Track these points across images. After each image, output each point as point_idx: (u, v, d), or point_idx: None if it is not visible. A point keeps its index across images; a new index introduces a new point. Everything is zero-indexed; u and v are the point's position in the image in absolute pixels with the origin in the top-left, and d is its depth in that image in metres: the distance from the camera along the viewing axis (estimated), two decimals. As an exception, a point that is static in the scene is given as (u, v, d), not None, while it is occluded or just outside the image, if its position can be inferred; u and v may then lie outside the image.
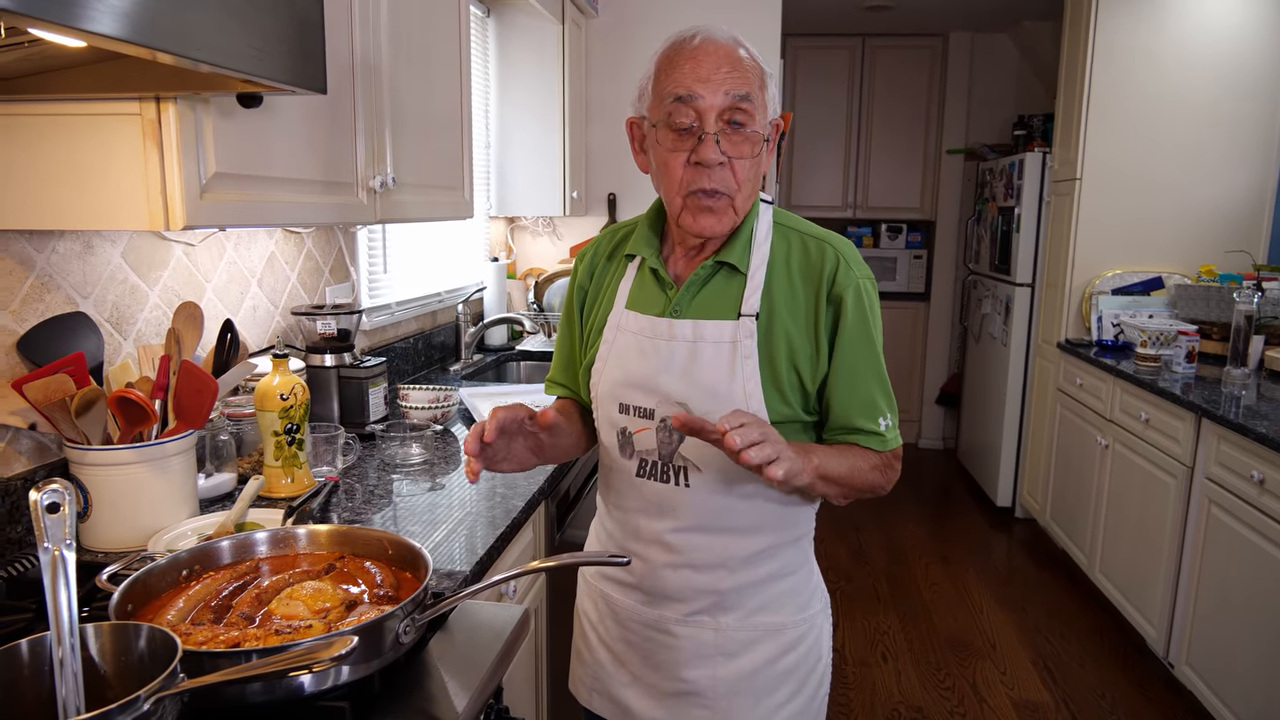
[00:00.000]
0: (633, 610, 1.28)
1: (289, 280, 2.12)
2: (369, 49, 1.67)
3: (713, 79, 1.11)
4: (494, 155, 3.41)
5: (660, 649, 1.26)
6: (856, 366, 1.17)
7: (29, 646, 0.76)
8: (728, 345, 1.16)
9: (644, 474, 1.22)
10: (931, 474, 5.31)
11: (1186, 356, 3.15)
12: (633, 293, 1.26)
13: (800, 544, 1.27)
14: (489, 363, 3.11)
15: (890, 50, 5.58)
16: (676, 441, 1.19)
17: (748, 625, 1.24)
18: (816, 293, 1.17)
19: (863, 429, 1.18)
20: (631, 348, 1.22)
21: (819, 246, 1.20)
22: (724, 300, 1.19)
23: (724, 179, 1.13)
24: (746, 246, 1.20)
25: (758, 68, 1.15)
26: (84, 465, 1.34)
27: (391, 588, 1.06)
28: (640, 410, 1.21)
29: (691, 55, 1.13)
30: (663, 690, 1.27)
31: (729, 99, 1.11)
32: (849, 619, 3.39)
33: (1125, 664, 3.08)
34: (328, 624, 0.95)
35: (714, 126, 1.11)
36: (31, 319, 1.38)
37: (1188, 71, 3.69)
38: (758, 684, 1.24)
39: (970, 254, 5.28)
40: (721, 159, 1.12)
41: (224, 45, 0.97)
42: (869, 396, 1.18)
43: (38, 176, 1.22)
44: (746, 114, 1.12)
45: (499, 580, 1.04)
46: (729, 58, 1.12)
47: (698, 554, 1.21)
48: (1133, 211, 3.83)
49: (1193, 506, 2.75)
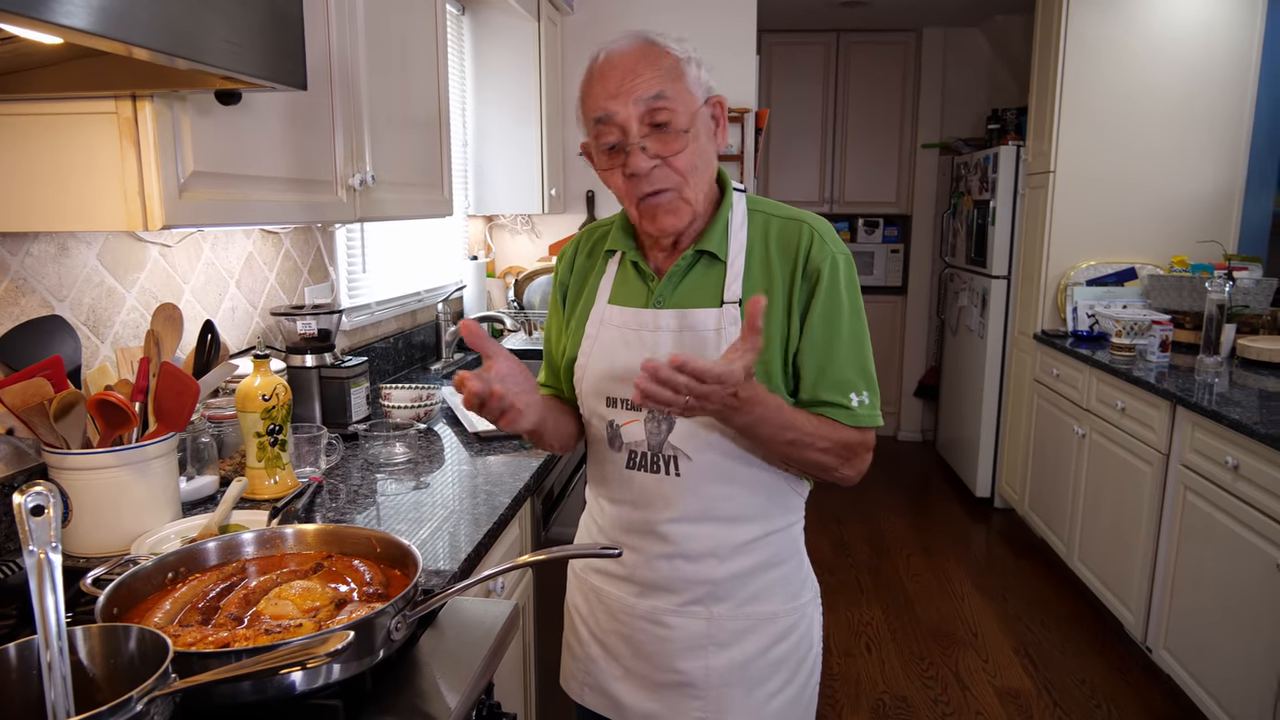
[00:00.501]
0: (625, 602, 1.29)
1: (268, 281, 2.10)
2: (345, 46, 1.66)
3: (621, 91, 1.13)
4: (471, 153, 3.40)
5: (653, 640, 1.27)
6: (829, 339, 1.17)
7: (16, 651, 0.75)
8: (712, 333, 1.17)
9: (634, 465, 1.23)
10: (911, 466, 5.35)
11: (1160, 346, 3.20)
12: (615, 287, 1.27)
13: (791, 532, 1.28)
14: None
15: (865, 46, 5.62)
16: (665, 431, 1.20)
17: (740, 615, 1.24)
18: (793, 270, 1.18)
19: (830, 402, 1.17)
20: (616, 341, 1.23)
21: (795, 226, 1.21)
22: (706, 289, 1.20)
23: (664, 176, 1.15)
24: (724, 234, 1.21)
25: (670, 59, 1.14)
26: (63, 470, 1.32)
27: (381, 585, 1.06)
28: (628, 403, 1.22)
29: (600, 75, 1.15)
30: (655, 682, 1.28)
31: (642, 105, 1.12)
32: (832, 611, 3.41)
33: (1104, 649, 3.13)
34: (318, 623, 0.95)
35: (638, 134, 1.13)
36: (6, 323, 1.36)
37: (1159, 65, 3.75)
38: (750, 674, 1.25)
39: (946, 247, 5.32)
40: (652, 163, 1.14)
41: (202, 40, 0.96)
42: (839, 370, 1.17)
43: (13, 178, 1.20)
44: (667, 110, 1.12)
45: (490, 575, 1.04)
46: (633, 65, 1.13)
47: (690, 543, 1.22)
48: (1106, 203, 3.88)
49: (1169, 493, 2.80)
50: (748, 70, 3.88)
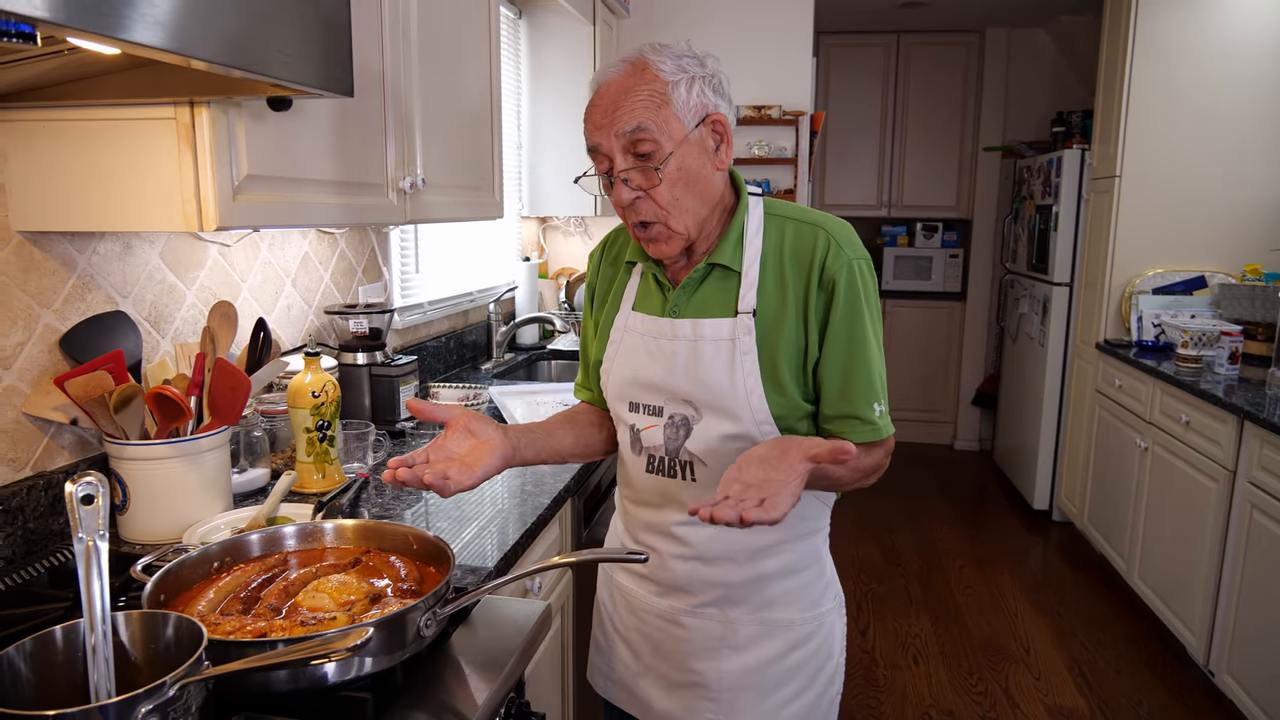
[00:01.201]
0: (645, 601, 1.31)
1: (323, 280, 2.15)
2: (399, 52, 1.69)
3: (604, 124, 1.13)
4: (526, 155, 3.44)
5: (670, 640, 1.29)
6: (851, 351, 1.16)
7: (63, 633, 0.79)
8: (726, 343, 1.17)
9: (652, 469, 1.25)
10: (967, 476, 5.24)
11: (1230, 358, 3.08)
12: (639, 295, 1.29)
13: (811, 540, 1.27)
14: (520, 361, 3.13)
15: (925, 47, 5.52)
16: (682, 438, 1.21)
17: (755, 620, 1.25)
18: (808, 278, 1.16)
19: (857, 416, 1.16)
20: (639, 348, 1.25)
21: (810, 231, 1.19)
22: (720, 298, 1.20)
23: (648, 210, 1.15)
24: (737, 244, 1.20)
25: (658, 84, 1.11)
26: (122, 459, 1.38)
27: (415, 582, 1.08)
28: (649, 409, 1.24)
29: (591, 106, 1.16)
30: (673, 681, 1.30)
31: (623, 138, 1.12)
32: (880, 621, 3.37)
33: (1163, 671, 3.02)
34: (352, 616, 0.97)
35: (624, 165, 1.13)
36: (73, 318, 1.42)
37: (1231, 65, 3.61)
38: (764, 679, 1.25)
39: (1007, 253, 5.20)
40: (635, 194, 1.14)
41: (256, 52, 0.99)
42: (864, 382, 1.16)
43: (78, 179, 1.26)
44: (648, 142, 1.11)
45: (519, 576, 1.06)
46: (614, 97, 1.12)
47: (705, 547, 1.23)
48: (1174, 209, 3.75)
49: (1234, 511, 2.69)
50: (803, 72, 3.85)
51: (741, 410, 1.16)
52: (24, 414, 1.35)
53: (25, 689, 0.76)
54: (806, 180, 3.98)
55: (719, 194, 1.21)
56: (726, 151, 1.19)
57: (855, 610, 3.45)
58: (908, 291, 5.72)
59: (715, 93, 1.15)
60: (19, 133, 1.27)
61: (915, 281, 5.73)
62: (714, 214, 1.21)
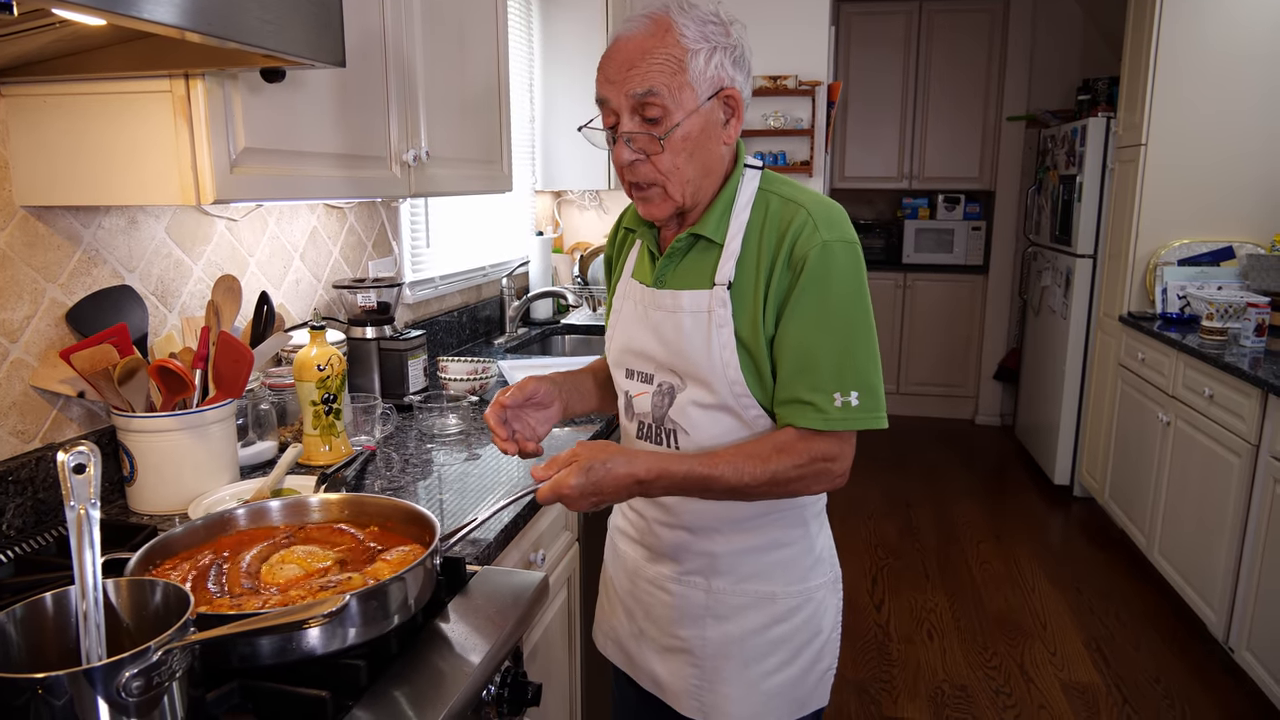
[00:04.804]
0: (639, 565, 1.34)
1: (331, 254, 2.16)
2: (400, 22, 1.68)
3: (616, 79, 1.11)
4: (539, 129, 3.42)
5: (659, 605, 1.31)
6: (808, 333, 1.11)
7: (53, 599, 0.80)
8: (704, 315, 1.16)
9: (642, 435, 1.27)
10: (988, 450, 5.19)
11: (1256, 330, 3.01)
12: (637, 263, 1.31)
13: (798, 515, 1.26)
14: (534, 336, 3.13)
15: (948, 15, 5.41)
16: (666, 406, 1.22)
17: (738, 591, 1.25)
18: (775, 254, 1.13)
19: (803, 400, 1.10)
20: (633, 315, 1.26)
21: (791, 209, 1.15)
22: (701, 270, 1.19)
23: (646, 173, 1.14)
24: (723, 216, 1.18)
25: (678, 49, 1.09)
26: (129, 431, 1.39)
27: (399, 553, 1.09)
28: (642, 375, 1.25)
29: (606, 57, 1.14)
30: (662, 645, 1.32)
31: (632, 99, 1.10)
32: (895, 596, 3.36)
33: (1182, 648, 2.99)
34: (335, 588, 0.98)
35: (629, 126, 1.12)
36: (79, 292, 1.44)
37: (1260, 29, 3.49)
38: (745, 649, 1.26)
39: (1031, 224, 5.12)
40: (635, 156, 1.13)
41: (234, 18, 0.98)
42: (827, 368, 1.10)
43: (77, 154, 1.26)
44: (657, 108, 1.09)
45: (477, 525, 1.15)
46: (632, 55, 1.10)
47: (689, 516, 1.24)
48: (1202, 178, 3.65)
49: (1258, 486, 2.64)
50: (819, 41, 3.79)
51: (719, 383, 1.16)
52: (32, 387, 1.37)
53: (17, 654, 0.77)
54: (824, 151, 3.93)
55: (721, 166, 1.19)
56: (736, 126, 1.17)
57: (870, 585, 3.45)
58: (929, 265, 5.65)
59: (734, 65, 1.13)
60: (21, 107, 1.27)
61: (937, 254, 5.65)
62: (712, 184, 1.19)
